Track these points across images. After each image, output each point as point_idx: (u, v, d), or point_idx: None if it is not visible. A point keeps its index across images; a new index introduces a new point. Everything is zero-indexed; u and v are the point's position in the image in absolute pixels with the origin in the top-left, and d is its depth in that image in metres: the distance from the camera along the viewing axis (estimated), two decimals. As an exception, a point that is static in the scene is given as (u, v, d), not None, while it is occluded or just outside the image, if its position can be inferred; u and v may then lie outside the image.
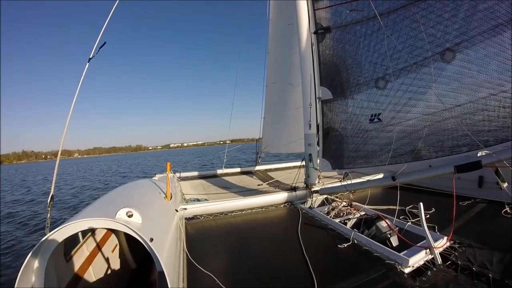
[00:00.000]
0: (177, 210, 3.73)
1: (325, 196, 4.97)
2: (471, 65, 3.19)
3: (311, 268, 2.69)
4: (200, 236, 3.76)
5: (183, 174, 7.81)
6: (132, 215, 2.21)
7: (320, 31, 4.48)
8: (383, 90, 3.89)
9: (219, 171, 8.19)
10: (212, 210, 4.55)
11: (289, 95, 7.33)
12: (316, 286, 2.41)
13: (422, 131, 3.60)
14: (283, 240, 3.55)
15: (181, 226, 3.59)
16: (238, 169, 8.48)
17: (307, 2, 4.64)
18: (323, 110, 4.63)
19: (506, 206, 3.90)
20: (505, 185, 4.02)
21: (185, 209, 4.35)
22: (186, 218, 4.29)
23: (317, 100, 4.68)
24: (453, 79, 3.34)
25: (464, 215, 3.86)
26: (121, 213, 2.18)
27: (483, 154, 3.31)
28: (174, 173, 7.09)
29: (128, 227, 2.06)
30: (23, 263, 1.85)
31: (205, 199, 5.08)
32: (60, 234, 2.02)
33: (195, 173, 7.99)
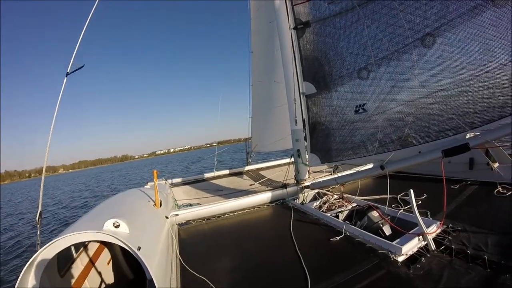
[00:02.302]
0: (167, 217, 3.71)
1: (316, 190, 4.97)
2: (452, 48, 3.19)
3: (304, 265, 2.68)
4: (193, 241, 3.75)
5: (175, 180, 7.77)
6: (118, 225, 2.22)
7: (299, 26, 4.45)
8: (366, 80, 3.88)
9: (211, 174, 8.16)
10: (204, 214, 4.53)
11: (275, 92, 7.32)
12: (309, 282, 2.40)
13: (407, 118, 3.60)
14: (275, 238, 3.54)
15: (173, 233, 3.58)
16: (229, 171, 8.46)
17: None
18: (308, 104, 4.61)
19: (498, 186, 3.94)
20: (496, 165, 4.06)
21: (177, 215, 4.33)
22: (178, 224, 4.28)
23: (301, 96, 4.66)
24: (435, 63, 3.34)
25: (456, 198, 3.88)
26: (108, 224, 2.19)
27: (471, 136, 3.31)
28: (166, 180, 7.08)
29: (115, 238, 2.06)
30: (17, 280, 1.84)
31: (198, 204, 5.06)
32: (50, 250, 2.02)
33: (187, 178, 7.95)
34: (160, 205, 3.71)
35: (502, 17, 2.85)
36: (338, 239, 3.15)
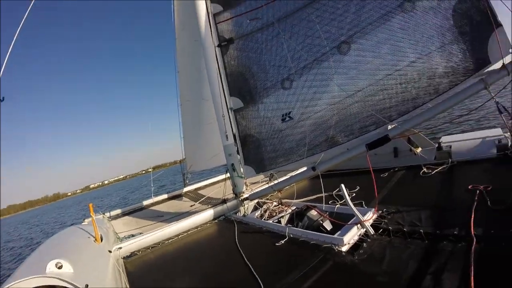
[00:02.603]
0: (110, 251, 3.55)
1: (256, 200, 5.04)
2: (366, 52, 3.56)
3: (255, 273, 2.69)
4: (141, 272, 3.56)
5: (114, 213, 7.28)
6: (61, 266, 2.12)
7: (223, 43, 4.57)
8: (289, 90, 4.12)
9: (149, 201, 7.73)
10: (148, 243, 4.33)
11: (204, 110, 7.35)
12: None
13: (331, 120, 3.88)
14: (223, 254, 3.53)
15: (119, 266, 3.38)
16: (167, 195, 8.14)
17: (208, 16, 4.71)
18: (236, 119, 4.70)
19: (423, 167, 4.37)
20: (419, 149, 4.48)
21: (120, 248, 4.06)
22: (124, 257, 4.03)
23: (230, 111, 4.75)
24: (351, 68, 3.68)
25: (387, 185, 4.23)
26: (51, 266, 2.08)
27: (391, 128, 3.66)
28: (104, 214, 6.63)
29: (60, 279, 1.96)
30: None
31: (140, 233, 4.83)
32: None
33: (126, 209, 7.41)
34: (101, 240, 3.55)
35: (409, 20, 3.26)
36: (283, 242, 3.23)
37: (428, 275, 2.08)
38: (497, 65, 2.96)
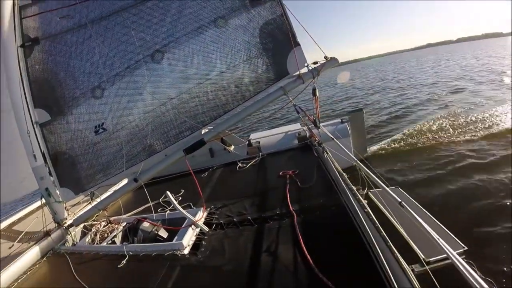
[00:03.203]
0: None
1: (82, 225, 4.45)
2: (179, 62, 3.62)
3: None
4: None
5: None
6: None
7: (27, 44, 3.86)
8: (101, 99, 3.80)
9: None
10: None
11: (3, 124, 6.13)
12: None
13: (146, 129, 3.78)
14: None
15: None
16: None
17: (13, 8, 3.83)
18: (44, 134, 4.07)
19: (238, 162, 4.92)
20: (232, 147, 4.79)
21: None
22: None
23: (35, 125, 4.04)
24: (164, 76, 3.68)
25: (209, 184, 4.49)
26: None
27: (205, 131, 3.84)
28: None
29: None
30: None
31: None
32: None
33: None
34: None
35: (221, 35, 3.50)
36: (124, 262, 2.99)
37: (266, 252, 2.38)
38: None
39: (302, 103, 4.27)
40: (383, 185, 2.29)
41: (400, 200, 2.06)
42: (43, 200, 4.45)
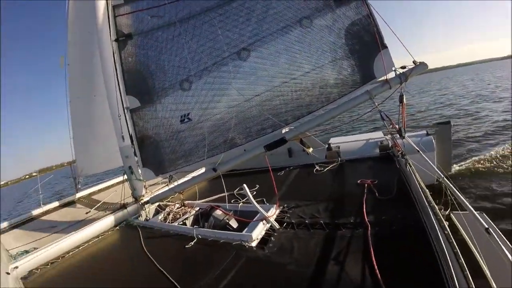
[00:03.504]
0: (8, 273, 3.01)
1: (157, 204, 4.82)
2: (265, 60, 3.73)
3: (170, 278, 2.57)
4: None
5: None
6: None
7: (121, 39, 4.24)
8: (188, 91, 4.04)
9: (39, 210, 6.61)
10: (47, 258, 3.69)
11: (97, 108, 6.70)
12: None
13: (230, 122, 3.95)
14: (132, 262, 3.27)
15: None
16: (58, 202, 7.04)
17: (107, 7, 4.31)
18: (133, 119, 4.42)
19: (316, 165, 4.82)
20: (310, 150, 4.83)
21: (16, 267, 3.38)
22: (22, 278, 3.36)
23: (126, 110, 4.43)
24: (250, 73, 3.82)
25: (285, 182, 4.49)
26: None
27: (286, 131, 3.89)
28: None
29: None
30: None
31: (34, 248, 4.09)
32: None
33: (13, 221, 6.23)
34: None
35: (306, 35, 3.53)
36: (192, 244, 3.16)
37: (334, 259, 2.32)
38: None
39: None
40: (470, 207, 2.13)
41: (487, 226, 1.91)
42: (125, 177, 4.86)
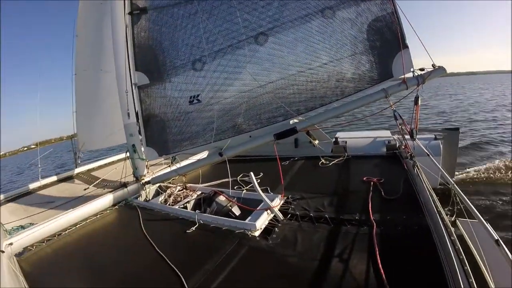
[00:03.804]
0: (3, 251, 2.91)
1: (157, 185, 4.76)
2: (282, 47, 3.64)
3: (170, 263, 2.52)
4: (40, 272, 2.93)
5: None
6: None
7: (135, 12, 4.13)
8: (200, 72, 3.95)
9: (36, 184, 6.42)
10: (43, 235, 3.58)
11: (102, 83, 6.61)
12: (182, 279, 2.26)
13: (240, 107, 3.88)
14: (131, 244, 3.19)
15: (15, 268, 2.76)
16: (56, 177, 6.91)
17: None
18: (140, 96, 4.33)
19: (321, 158, 4.84)
20: (316, 142, 4.86)
21: (11, 244, 3.27)
22: (15, 255, 3.26)
23: (134, 87, 4.33)
24: (266, 59, 3.73)
25: (289, 173, 4.49)
26: None
27: (296, 121, 3.84)
28: None
29: None
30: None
31: (30, 224, 3.99)
32: None
33: (9, 194, 6.02)
34: None
35: (327, 26, 3.44)
36: (194, 229, 3.11)
37: (338, 256, 2.30)
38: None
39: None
40: (479, 215, 2.09)
41: (497, 238, 1.86)
42: (127, 154, 4.79)
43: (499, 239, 1.85)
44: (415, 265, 2.10)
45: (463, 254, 1.97)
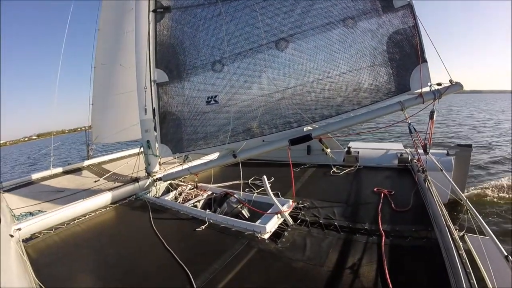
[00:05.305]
0: (12, 236, 2.97)
1: (168, 182, 4.82)
2: (302, 54, 3.68)
3: (178, 259, 2.56)
4: (46, 259, 2.94)
5: (5, 184, 5.93)
6: None
7: (159, 10, 4.21)
8: (219, 73, 4.02)
9: (47, 173, 6.52)
10: (52, 223, 3.64)
11: (120, 77, 6.71)
12: (191, 277, 2.29)
13: (257, 111, 3.92)
14: (140, 238, 3.24)
15: (22, 253, 2.81)
16: (68, 167, 7.02)
17: None
18: (158, 93, 4.40)
19: (333, 167, 4.91)
20: (329, 150, 4.88)
21: (19, 229, 3.31)
22: (23, 240, 3.30)
23: (152, 83, 4.42)
24: (285, 65, 3.77)
25: (300, 179, 4.56)
26: None
27: (310, 128, 3.86)
28: None
29: None
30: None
31: (39, 211, 4.06)
32: None
33: (20, 181, 6.17)
34: None
35: (348, 35, 3.47)
36: (203, 228, 3.16)
37: (346, 263, 2.32)
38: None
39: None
40: (490, 231, 2.12)
41: (507, 254, 1.89)
42: (141, 150, 4.86)
43: (509, 255, 1.88)
44: (422, 276, 2.13)
45: (470, 268, 1.99)
